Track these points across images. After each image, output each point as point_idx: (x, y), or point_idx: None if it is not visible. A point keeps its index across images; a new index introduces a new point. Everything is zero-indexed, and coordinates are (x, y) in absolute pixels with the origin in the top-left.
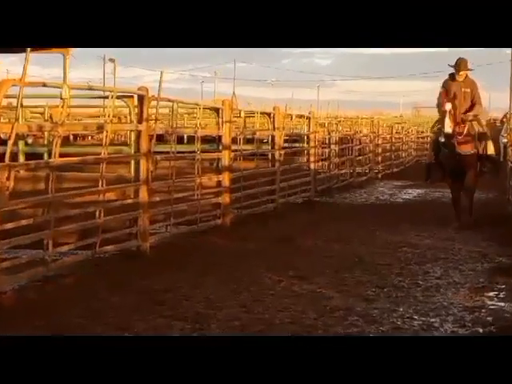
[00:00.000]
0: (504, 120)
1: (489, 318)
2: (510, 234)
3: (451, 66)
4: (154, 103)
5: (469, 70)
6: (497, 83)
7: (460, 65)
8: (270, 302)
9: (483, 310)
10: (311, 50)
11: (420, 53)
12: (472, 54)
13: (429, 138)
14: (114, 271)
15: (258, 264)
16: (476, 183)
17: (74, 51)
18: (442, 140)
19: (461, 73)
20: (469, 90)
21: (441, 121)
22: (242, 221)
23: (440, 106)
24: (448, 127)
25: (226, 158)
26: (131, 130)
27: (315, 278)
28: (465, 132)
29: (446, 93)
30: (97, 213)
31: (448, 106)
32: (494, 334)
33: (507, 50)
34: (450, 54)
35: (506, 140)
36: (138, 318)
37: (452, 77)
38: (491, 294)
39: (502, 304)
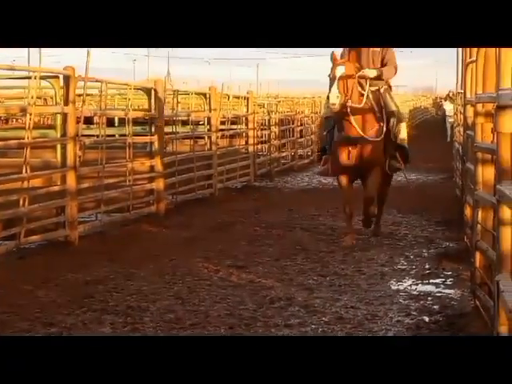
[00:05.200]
0: (446, 98)
1: (435, 307)
2: (458, 218)
3: None
4: (81, 84)
5: None
6: (443, 59)
7: None
8: (207, 293)
9: (429, 298)
10: None
11: None
12: None
13: None
14: (39, 263)
15: (194, 253)
16: (378, 189)
17: None
18: (326, 115)
19: None
20: (378, 49)
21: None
22: (177, 207)
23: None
24: (335, 99)
25: (158, 141)
26: (57, 113)
27: (254, 268)
28: (363, 104)
29: (348, 53)
30: (21, 201)
31: (340, 70)
32: (440, 322)
33: None
34: None
35: (452, 120)
36: (66, 313)
37: None
38: (438, 280)
39: (449, 291)
